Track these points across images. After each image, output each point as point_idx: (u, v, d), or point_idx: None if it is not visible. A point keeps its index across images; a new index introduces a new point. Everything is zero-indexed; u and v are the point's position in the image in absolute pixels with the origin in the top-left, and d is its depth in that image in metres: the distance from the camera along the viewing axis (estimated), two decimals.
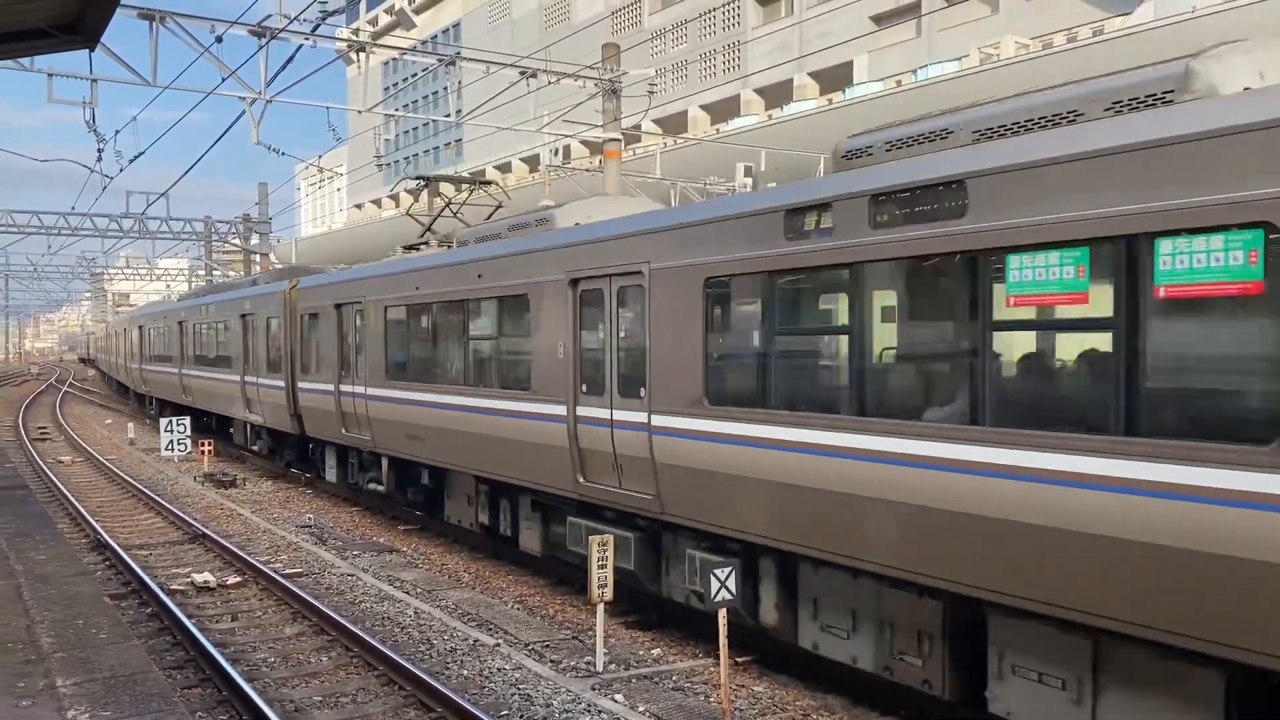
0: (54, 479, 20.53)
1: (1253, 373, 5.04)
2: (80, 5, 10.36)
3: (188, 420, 24.45)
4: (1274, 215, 4.82)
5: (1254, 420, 5.00)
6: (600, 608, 9.07)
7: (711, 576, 7.62)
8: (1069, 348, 6.09)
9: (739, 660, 8.92)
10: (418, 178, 17.87)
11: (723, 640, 7.69)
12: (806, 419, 7.53)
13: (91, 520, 15.70)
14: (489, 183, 17.24)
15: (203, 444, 22.79)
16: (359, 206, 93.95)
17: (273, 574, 12.08)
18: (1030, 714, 6.28)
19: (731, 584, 7.63)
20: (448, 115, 25.05)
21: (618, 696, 8.22)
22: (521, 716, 7.72)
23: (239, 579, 12.41)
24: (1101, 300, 5.61)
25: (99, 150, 21.46)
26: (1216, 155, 5.03)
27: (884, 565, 6.94)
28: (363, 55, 22.20)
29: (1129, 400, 5.47)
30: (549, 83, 21.40)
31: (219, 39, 17.09)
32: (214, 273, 45.18)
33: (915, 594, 6.98)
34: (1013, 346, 6.30)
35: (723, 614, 7.71)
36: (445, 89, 67.82)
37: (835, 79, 47.28)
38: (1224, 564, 5.00)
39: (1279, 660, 4.88)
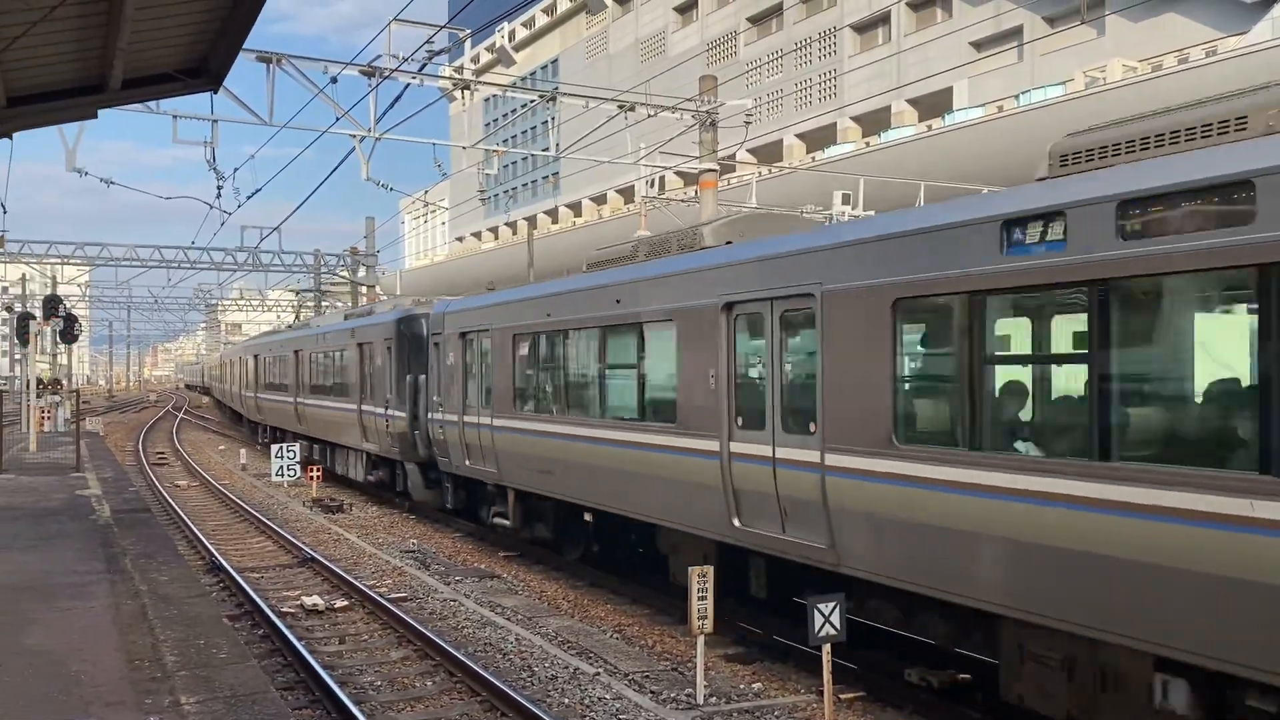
0: (172, 502, 21.40)
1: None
2: (205, 50, 10.93)
3: (297, 447, 25.29)
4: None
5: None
6: (700, 639, 9.03)
7: (815, 611, 7.52)
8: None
9: (843, 697, 8.77)
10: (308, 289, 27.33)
11: (827, 676, 7.58)
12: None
13: (207, 543, 16.31)
14: (371, 285, 26.93)
15: (311, 470, 23.50)
16: (460, 239, 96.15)
17: (378, 598, 12.36)
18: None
19: (835, 619, 7.53)
20: (545, 150, 25.53)
21: None
22: None
23: (346, 602, 12.72)
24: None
25: (218, 187, 22.44)
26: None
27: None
28: (466, 92, 22.82)
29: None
30: (647, 116, 21.65)
31: (334, 80, 17.78)
32: (323, 304, 46.69)
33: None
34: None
35: (827, 650, 7.61)
36: (544, 124, 69.23)
37: (934, 105, 46.72)
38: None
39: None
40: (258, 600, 12.22)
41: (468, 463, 15.75)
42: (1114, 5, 38.92)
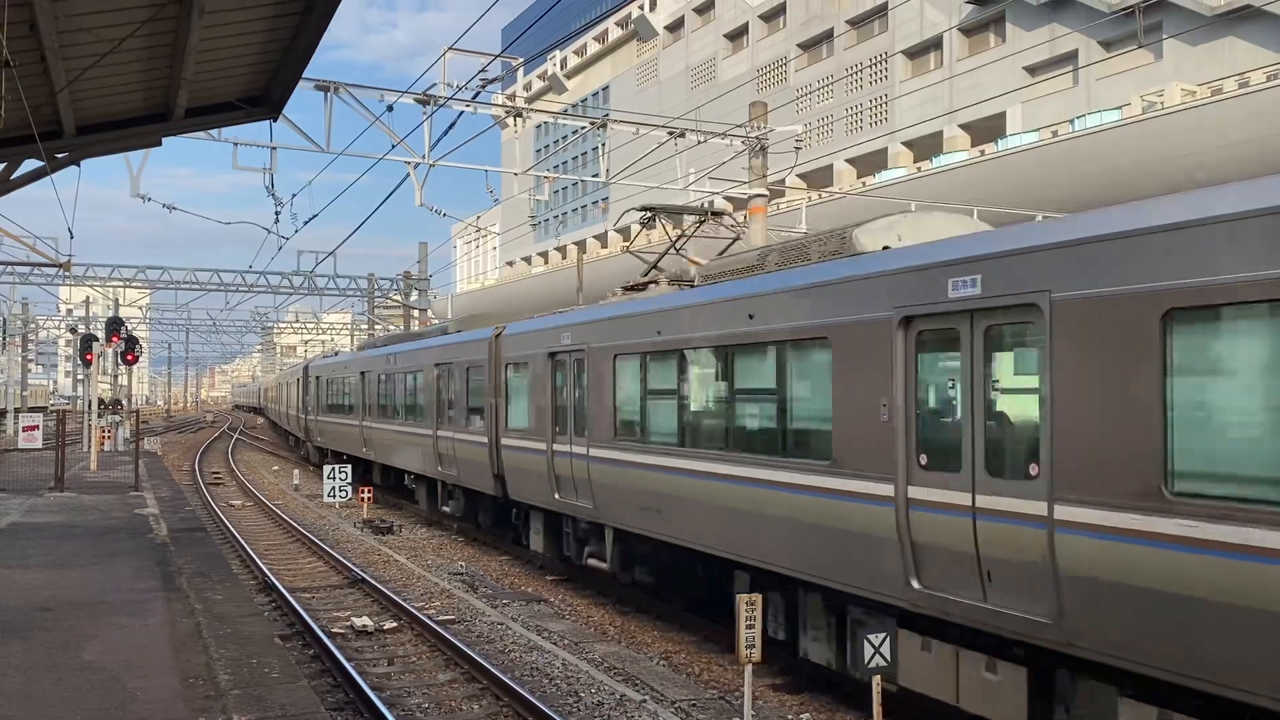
0: (226, 522, 21.74)
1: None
2: (266, 80, 11.20)
3: (349, 468, 25.56)
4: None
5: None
6: (748, 669, 8.94)
7: (865, 643, 7.42)
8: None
9: None
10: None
11: (876, 708, 7.47)
12: None
13: (260, 563, 16.53)
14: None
15: (362, 491, 23.75)
16: (510, 264, 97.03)
17: (427, 620, 12.42)
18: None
19: (886, 650, 7.42)
20: (596, 175, 25.74)
21: None
22: None
23: (395, 624, 12.80)
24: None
25: (276, 213, 22.89)
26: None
27: None
28: (518, 119, 23.09)
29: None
30: (697, 142, 21.75)
31: (390, 108, 18.10)
32: (376, 327, 47.37)
33: None
34: None
35: (876, 682, 7.50)
36: (595, 150, 69.75)
37: (987, 130, 46.35)
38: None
39: None
40: (309, 621, 12.34)
41: (319, 439, 34.59)
42: (1172, 28, 38.41)
